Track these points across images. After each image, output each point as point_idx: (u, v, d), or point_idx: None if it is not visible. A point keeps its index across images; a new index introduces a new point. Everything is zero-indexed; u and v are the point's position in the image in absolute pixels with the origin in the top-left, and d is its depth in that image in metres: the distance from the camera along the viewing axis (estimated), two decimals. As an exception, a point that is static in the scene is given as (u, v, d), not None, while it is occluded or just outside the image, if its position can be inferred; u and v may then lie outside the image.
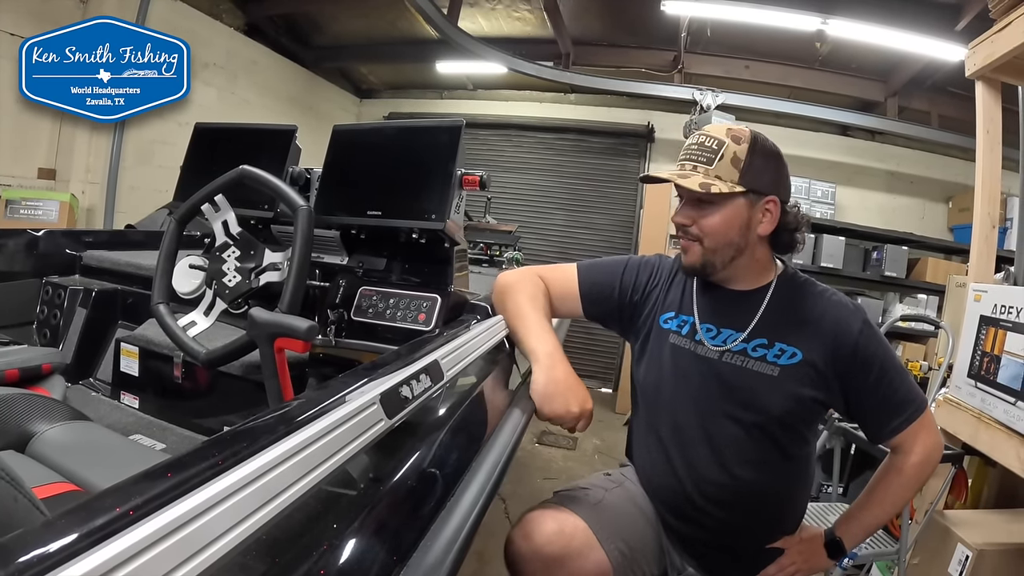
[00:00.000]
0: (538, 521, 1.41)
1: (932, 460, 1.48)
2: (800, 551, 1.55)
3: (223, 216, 1.65)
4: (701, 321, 1.54)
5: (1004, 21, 2.23)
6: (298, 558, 0.60)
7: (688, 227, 1.46)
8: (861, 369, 1.41)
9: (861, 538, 1.59)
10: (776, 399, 1.42)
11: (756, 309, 1.49)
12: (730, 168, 1.39)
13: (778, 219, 1.46)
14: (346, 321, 1.77)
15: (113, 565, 0.42)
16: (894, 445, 1.48)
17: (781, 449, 1.47)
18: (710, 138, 1.42)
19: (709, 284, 1.57)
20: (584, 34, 6.26)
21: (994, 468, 2.50)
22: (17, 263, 2.23)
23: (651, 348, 1.62)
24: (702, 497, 1.49)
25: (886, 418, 1.43)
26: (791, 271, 1.56)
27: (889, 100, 6.00)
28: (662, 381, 1.57)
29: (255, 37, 5.99)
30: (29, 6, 4.11)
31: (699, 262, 1.47)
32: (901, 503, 1.58)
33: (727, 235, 1.43)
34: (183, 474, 0.55)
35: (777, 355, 1.44)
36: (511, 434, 1.24)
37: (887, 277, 5.46)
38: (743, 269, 1.51)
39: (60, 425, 1.49)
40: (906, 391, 1.43)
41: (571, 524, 1.42)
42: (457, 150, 1.71)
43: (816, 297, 1.49)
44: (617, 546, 1.45)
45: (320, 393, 0.85)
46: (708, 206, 1.42)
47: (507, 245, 3.97)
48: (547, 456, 4.55)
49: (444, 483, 0.92)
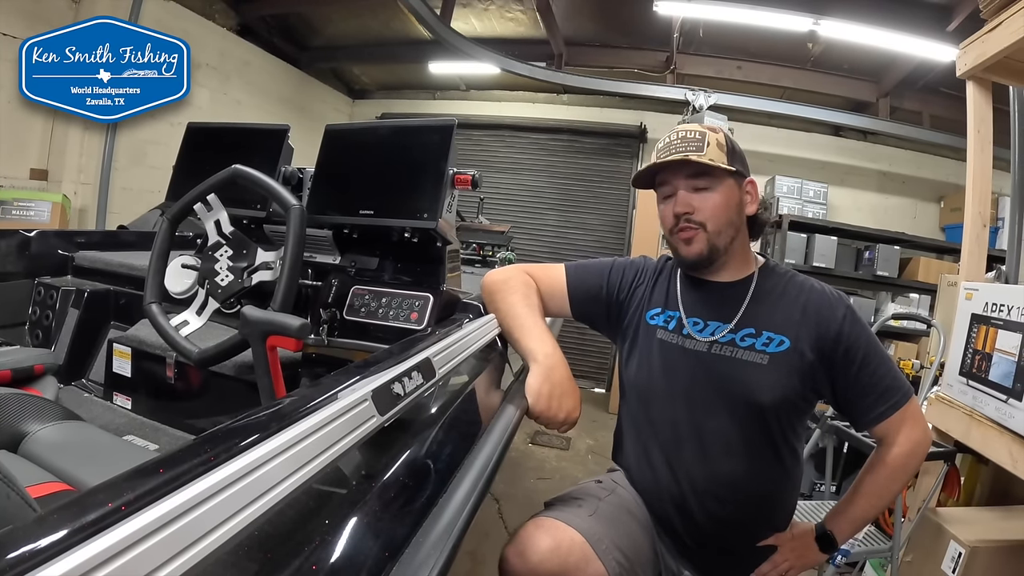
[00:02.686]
0: (533, 538, 1.35)
1: (918, 452, 1.49)
2: (792, 547, 1.55)
3: (215, 215, 1.65)
4: (687, 315, 1.56)
5: (995, 21, 2.24)
6: (290, 554, 0.60)
7: (690, 214, 1.48)
8: (845, 354, 1.43)
9: (852, 532, 1.60)
10: (766, 387, 1.43)
11: (741, 299, 1.51)
12: (718, 152, 1.45)
13: (757, 200, 1.54)
14: (338, 320, 1.77)
15: (104, 559, 0.42)
16: (880, 435, 1.49)
17: (771, 442, 1.48)
18: (690, 131, 1.48)
19: (693, 279, 1.60)
20: (577, 34, 6.27)
21: (986, 465, 2.51)
22: (9, 264, 2.23)
23: (640, 346, 1.63)
24: (694, 493, 1.49)
25: (871, 404, 1.44)
26: (772, 263, 1.60)
27: (881, 100, 6.03)
28: (652, 377, 1.58)
29: (248, 38, 6.00)
30: (21, 6, 4.10)
31: (705, 248, 1.49)
32: (888, 495, 1.58)
33: (727, 215, 1.48)
34: (174, 470, 0.55)
35: (765, 343, 1.45)
36: (503, 432, 1.23)
37: (879, 277, 5.48)
38: (733, 255, 1.54)
39: (53, 425, 1.49)
40: (891, 379, 1.45)
41: (567, 539, 1.36)
42: (449, 149, 1.71)
43: (799, 286, 1.52)
44: (615, 557, 1.40)
45: (312, 390, 0.85)
46: (705, 191, 1.47)
47: (500, 245, 3.97)
48: (540, 456, 4.55)
49: (436, 480, 0.92)
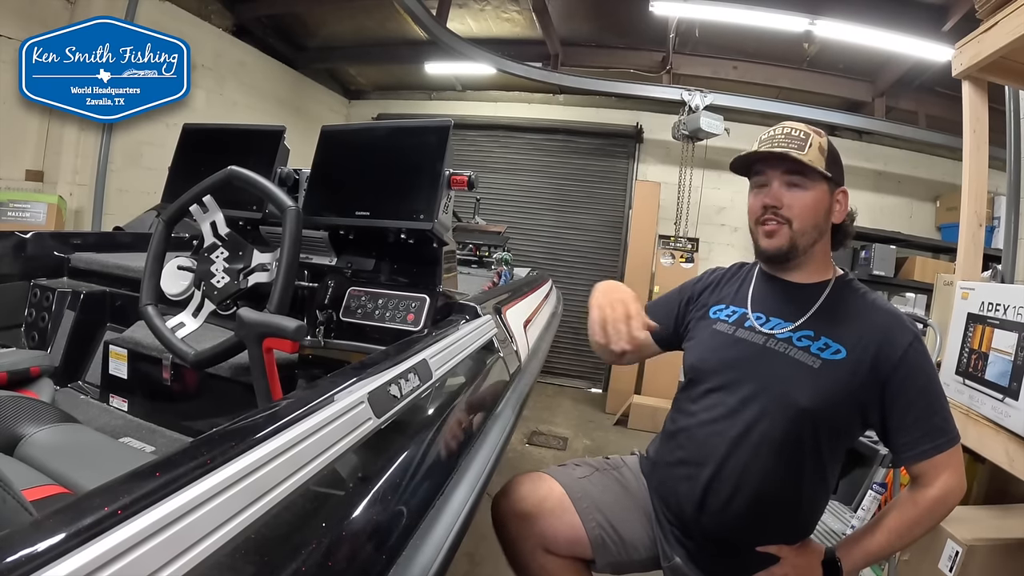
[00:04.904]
0: (517, 482, 1.58)
1: (950, 501, 1.43)
2: (796, 564, 1.49)
3: (211, 217, 1.65)
4: (752, 310, 1.57)
5: (991, 21, 2.24)
6: (287, 556, 0.60)
7: (779, 209, 1.47)
8: (903, 382, 1.39)
9: (862, 565, 1.52)
10: (808, 391, 1.40)
11: (810, 302, 1.51)
12: (818, 155, 1.45)
13: (846, 210, 1.53)
14: (335, 322, 1.77)
15: (100, 564, 0.42)
16: (916, 473, 1.44)
17: (802, 449, 1.43)
18: (796, 129, 1.48)
19: (768, 278, 1.60)
20: (573, 35, 6.27)
21: (983, 464, 2.51)
22: (5, 266, 2.22)
23: (696, 335, 1.65)
24: (715, 479, 1.47)
25: (916, 440, 1.39)
26: (850, 276, 1.58)
27: (877, 100, 6.04)
28: (701, 361, 1.59)
29: (244, 38, 5.99)
30: (16, 7, 4.09)
31: (787, 244, 1.49)
32: (910, 538, 1.49)
33: (815, 217, 1.47)
34: (170, 473, 0.55)
35: (821, 348, 1.44)
36: (500, 433, 1.24)
37: (875, 276, 5.50)
38: (813, 258, 1.54)
39: (49, 428, 1.48)
40: (942, 420, 1.41)
41: (546, 487, 1.56)
42: (445, 150, 1.71)
43: (871, 303, 1.50)
44: (595, 518, 1.52)
45: (308, 392, 0.85)
46: (798, 189, 1.46)
47: (496, 246, 3.98)
48: (537, 456, 4.54)
49: (433, 482, 0.92)
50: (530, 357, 2.12)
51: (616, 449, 4.78)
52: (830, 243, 1.56)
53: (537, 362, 2.20)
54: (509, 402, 1.42)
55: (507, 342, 1.87)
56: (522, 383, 1.77)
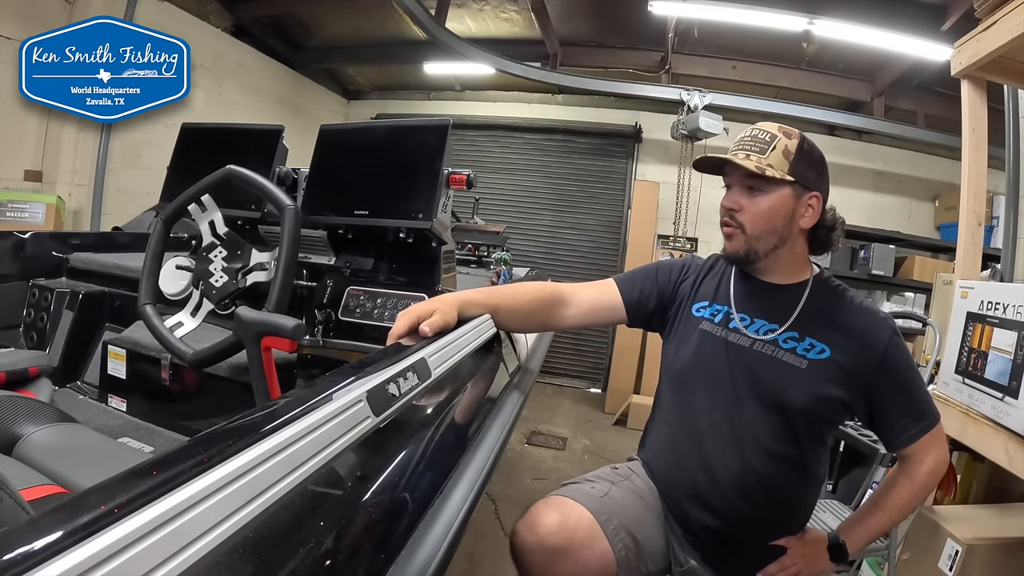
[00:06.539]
0: (542, 512, 1.42)
1: (939, 472, 1.52)
2: (803, 552, 1.56)
3: (210, 216, 1.65)
4: (736, 310, 1.58)
5: (989, 20, 2.24)
6: (285, 556, 0.60)
7: (735, 212, 1.49)
8: (887, 377, 1.45)
9: (864, 543, 1.61)
10: (800, 392, 1.45)
11: (792, 303, 1.53)
12: (781, 159, 1.45)
13: (819, 215, 1.52)
14: (334, 321, 1.77)
15: (97, 562, 0.41)
16: (906, 454, 1.52)
17: (798, 445, 1.49)
18: (763, 131, 1.49)
19: (746, 276, 1.61)
20: (571, 35, 6.27)
21: (982, 463, 2.51)
22: (3, 266, 2.22)
23: (680, 335, 1.65)
24: (715, 484, 1.50)
25: (905, 426, 1.46)
26: (827, 275, 1.61)
27: (876, 100, 6.04)
28: (689, 365, 1.60)
29: (243, 38, 5.98)
30: (15, 7, 4.08)
31: (742, 249, 1.50)
32: (908, 510, 1.61)
33: (770, 223, 1.47)
34: (168, 472, 0.55)
35: (807, 349, 1.47)
36: (499, 432, 1.23)
37: (875, 275, 5.50)
38: (782, 261, 1.54)
39: (47, 427, 1.48)
40: (925, 402, 1.48)
41: (575, 515, 1.43)
42: (444, 149, 1.71)
43: (849, 302, 1.53)
44: (622, 539, 1.46)
45: (307, 391, 0.85)
46: (757, 193, 1.47)
47: (495, 246, 3.98)
48: (536, 456, 4.54)
49: (432, 481, 0.91)
50: (529, 356, 2.12)
51: (615, 449, 4.80)
52: (805, 246, 1.57)
53: (536, 362, 2.19)
54: (508, 401, 1.41)
55: (506, 341, 1.87)
56: (521, 383, 1.77)
